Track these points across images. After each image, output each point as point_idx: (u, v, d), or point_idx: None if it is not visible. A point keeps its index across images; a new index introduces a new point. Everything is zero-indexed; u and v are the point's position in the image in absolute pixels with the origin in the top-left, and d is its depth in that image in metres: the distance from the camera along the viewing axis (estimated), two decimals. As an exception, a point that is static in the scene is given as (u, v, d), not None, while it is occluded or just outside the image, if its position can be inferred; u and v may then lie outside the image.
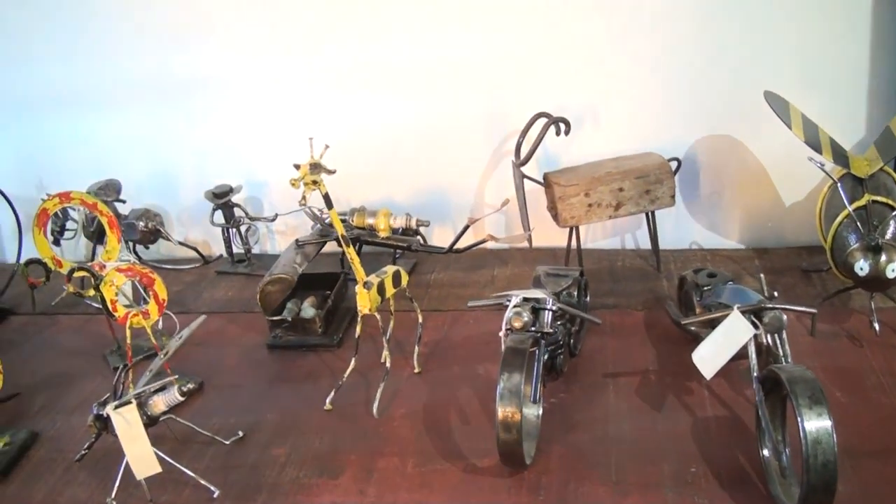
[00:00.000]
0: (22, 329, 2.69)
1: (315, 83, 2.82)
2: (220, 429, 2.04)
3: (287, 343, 2.38)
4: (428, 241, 2.67)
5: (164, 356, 1.88)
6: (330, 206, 1.96)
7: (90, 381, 2.35)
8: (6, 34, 2.96)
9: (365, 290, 2.02)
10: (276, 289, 2.35)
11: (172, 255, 3.06)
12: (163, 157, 3.03)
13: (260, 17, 2.78)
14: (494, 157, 2.81)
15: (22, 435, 2.12)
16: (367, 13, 2.71)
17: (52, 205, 2.28)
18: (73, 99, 3.00)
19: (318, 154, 1.93)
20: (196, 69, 2.88)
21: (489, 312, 2.45)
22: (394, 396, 2.12)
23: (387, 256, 2.78)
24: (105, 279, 2.12)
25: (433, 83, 2.74)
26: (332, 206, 1.96)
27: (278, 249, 3.05)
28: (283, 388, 2.22)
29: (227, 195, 2.77)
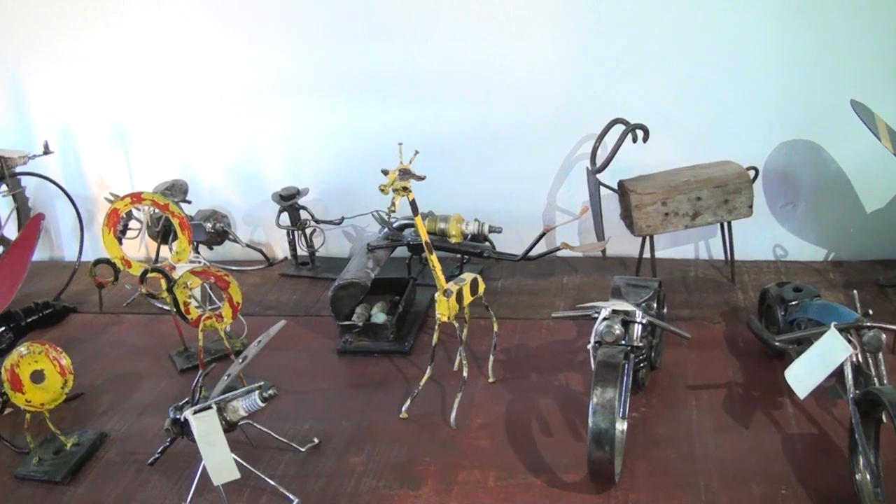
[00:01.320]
0: (85, 328, 2.67)
1: (383, 86, 2.78)
2: (294, 435, 2.00)
3: (358, 348, 2.34)
4: (494, 248, 2.62)
5: (243, 361, 1.85)
6: (416, 213, 1.92)
7: (156, 381, 2.33)
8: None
9: (445, 298, 1.97)
10: (348, 293, 2.32)
11: (231, 256, 3.04)
12: (227, 157, 3.01)
13: (330, 19, 2.75)
14: (566, 163, 2.76)
15: (90, 435, 2.10)
16: (438, 19, 2.67)
17: (123, 205, 2.26)
18: (137, 99, 3.00)
19: (408, 160, 1.89)
20: (261, 71, 2.86)
21: (561, 321, 2.41)
22: (469, 406, 2.07)
23: (450, 262, 2.74)
24: (179, 281, 2.09)
25: (507, 87, 2.69)
26: (417, 212, 1.92)
27: (342, 253, 3.02)
28: (355, 394, 2.19)
29: (294, 197, 2.74)
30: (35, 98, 3.10)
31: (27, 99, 3.11)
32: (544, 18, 2.61)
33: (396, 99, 2.79)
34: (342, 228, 2.94)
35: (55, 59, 3.02)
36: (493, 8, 2.63)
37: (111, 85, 3.00)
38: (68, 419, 2.17)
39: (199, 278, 2.10)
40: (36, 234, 2.21)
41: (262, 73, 2.87)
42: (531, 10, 2.61)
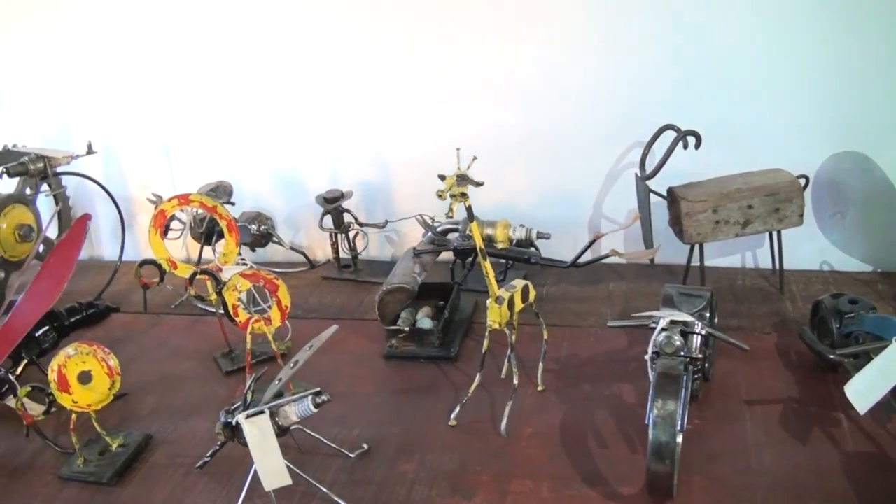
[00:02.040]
0: (127, 328, 2.67)
1: (427, 90, 2.77)
2: (343, 440, 1.98)
3: (404, 353, 2.32)
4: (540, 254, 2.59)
5: (294, 366, 1.83)
6: (472, 219, 1.90)
7: (202, 384, 2.32)
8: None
9: (497, 305, 1.95)
10: (395, 298, 2.30)
11: (273, 258, 3.03)
12: (269, 159, 3.00)
13: (373, 23, 2.74)
14: (614, 169, 2.73)
15: (136, 437, 2.08)
16: (485, 23, 2.65)
17: (171, 206, 2.25)
18: (179, 100, 3.00)
19: (465, 165, 1.86)
20: (304, 74, 2.85)
21: (610, 329, 2.38)
22: (519, 415, 2.03)
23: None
24: (228, 284, 2.08)
25: (555, 91, 2.67)
26: (473, 218, 1.90)
27: (384, 256, 3.00)
28: (403, 400, 2.16)
29: (339, 200, 2.72)
30: (77, 98, 3.11)
31: (68, 98, 3.12)
32: (594, 24, 2.59)
33: (440, 102, 2.77)
34: (384, 232, 2.92)
35: (98, 58, 3.02)
36: (542, 14, 2.60)
37: (154, 86, 3.00)
38: (112, 420, 2.16)
39: (249, 281, 2.08)
40: (82, 234, 2.20)
41: (305, 76, 2.86)
42: (581, 16, 2.58)
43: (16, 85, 3.17)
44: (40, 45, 3.08)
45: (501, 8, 2.63)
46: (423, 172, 2.79)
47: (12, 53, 3.13)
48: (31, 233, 2.73)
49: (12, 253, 2.71)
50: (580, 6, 2.58)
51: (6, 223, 2.67)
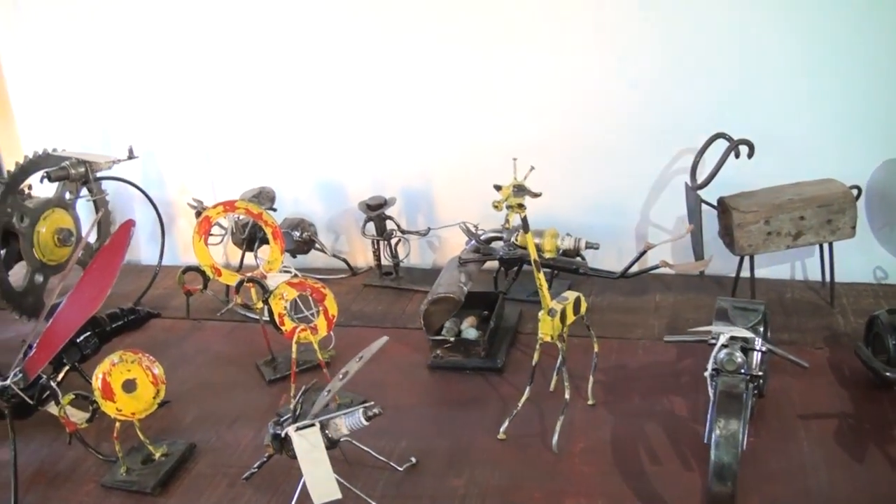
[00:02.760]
0: (168, 333, 2.65)
1: (470, 97, 2.74)
2: (390, 453, 1.95)
3: (449, 364, 2.29)
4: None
5: (344, 378, 1.79)
6: (527, 231, 1.86)
7: (245, 392, 2.29)
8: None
9: (550, 318, 1.91)
10: (440, 308, 2.26)
11: (313, 265, 3.00)
12: (310, 165, 2.98)
13: (416, 32, 2.73)
14: (662, 177, 2.68)
15: (180, 446, 2.06)
16: (532, 31, 2.62)
17: (216, 213, 2.22)
18: (219, 105, 2.99)
19: (523, 176, 1.83)
20: (345, 80, 2.83)
21: (661, 342, 2.34)
22: (569, 429, 1.99)
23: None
24: (275, 292, 2.05)
25: (602, 98, 2.64)
26: (528, 229, 1.86)
27: (425, 264, 2.97)
28: (450, 412, 2.13)
29: (382, 207, 2.69)
30: (115, 102, 3.10)
31: (107, 103, 3.11)
32: (643, 32, 2.55)
33: (484, 109, 2.74)
34: (425, 239, 2.89)
35: (138, 63, 3.02)
36: (590, 21, 2.57)
37: (194, 90, 3.00)
38: (154, 428, 2.13)
39: (296, 290, 2.05)
40: (126, 240, 2.17)
41: (347, 82, 2.83)
42: (630, 24, 2.55)
43: (55, 89, 3.17)
44: (80, 49, 3.08)
45: (547, 15, 2.60)
46: (466, 180, 2.79)
47: (52, 58, 3.13)
48: (71, 237, 2.72)
49: (51, 257, 2.70)
50: (629, 14, 2.54)
51: (45, 227, 2.66)
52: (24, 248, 2.63)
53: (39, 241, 2.66)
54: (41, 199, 2.68)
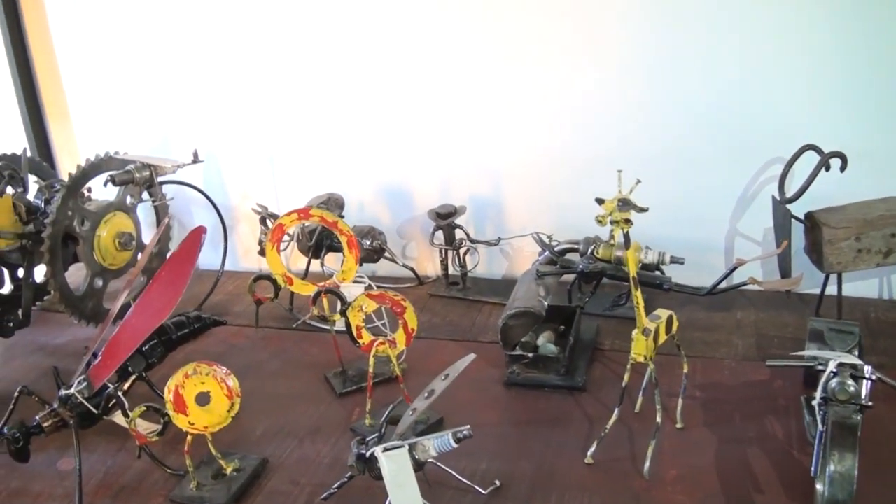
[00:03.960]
0: (231, 341, 2.58)
1: (545, 105, 2.66)
2: (472, 474, 1.86)
3: (526, 381, 2.20)
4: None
5: (429, 396, 1.72)
6: (628, 247, 1.78)
7: (315, 405, 2.22)
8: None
9: (644, 337, 1.82)
10: (520, 322, 2.18)
11: (376, 273, 2.93)
12: (376, 172, 2.92)
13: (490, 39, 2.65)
14: (748, 189, 2.58)
15: (252, 461, 1.99)
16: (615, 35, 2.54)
17: (290, 220, 2.15)
18: (284, 109, 2.93)
19: (628, 189, 1.74)
20: (414, 87, 2.77)
21: (747, 362, 2.25)
22: (658, 454, 1.88)
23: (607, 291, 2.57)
24: (353, 304, 1.98)
25: (684, 106, 2.55)
26: (629, 245, 1.78)
27: (492, 274, 2.89)
28: (530, 432, 2.04)
29: (452, 216, 2.62)
30: (176, 105, 3.06)
31: (168, 106, 3.07)
32: (730, 39, 2.46)
33: (558, 116, 2.65)
34: (494, 249, 2.81)
35: (198, 64, 2.97)
36: (676, 26, 2.49)
37: (257, 92, 2.94)
38: (223, 441, 2.05)
39: (375, 302, 1.98)
40: (197, 247, 2.11)
41: (415, 87, 2.77)
42: (716, 30, 2.46)
43: (113, 90, 3.13)
44: (139, 50, 3.04)
45: (631, 18, 2.51)
46: (538, 188, 2.71)
47: (110, 58, 3.09)
48: (132, 241, 2.67)
49: (112, 261, 2.65)
50: (716, 21, 2.45)
51: (106, 231, 2.61)
52: (85, 251, 2.59)
53: (100, 245, 2.61)
54: (102, 203, 2.63)
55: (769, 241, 2.56)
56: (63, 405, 1.99)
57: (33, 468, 2.03)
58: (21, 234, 2.58)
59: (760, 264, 2.64)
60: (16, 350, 2.70)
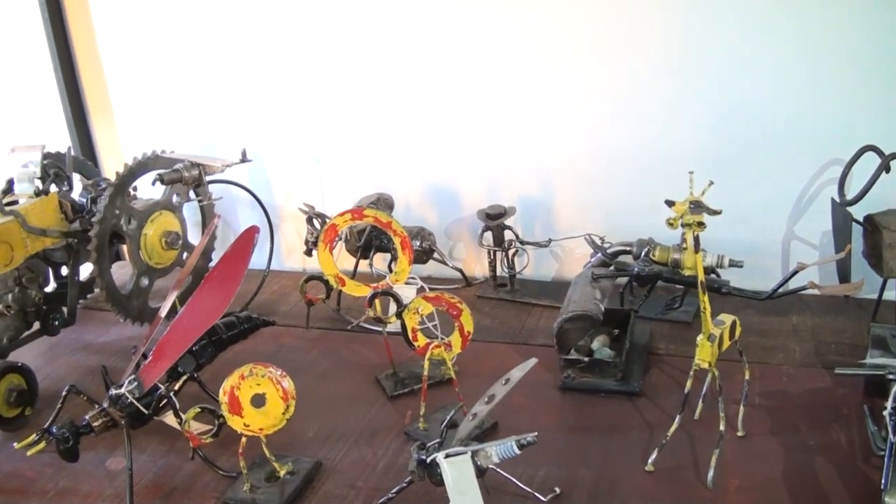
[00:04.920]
0: (278, 342, 2.57)
1: (600, 106, 2.63)
2: (530, 480, 1.83)
3: (582, 385, 2.16)
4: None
5: (489, 402, 1.69)
6: (697, 251, 1.74)
7: (366, 407, 2.20)
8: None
9: (709, 343, 1.78)
10: (577, 326, 2.15)
11: (422, 273, 2.88)
12: (423, 172, 2.90)
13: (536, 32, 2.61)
14: (805, 190, 2.53)
15: (305, 464, 1.97)
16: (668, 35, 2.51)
17: (343, 221, 2.13)
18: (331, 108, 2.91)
19: (700, 191, 1.71)
20: (463, 86, 2.74)
21: (805, 368, 2.20)
22: (720, 463, 1.84)
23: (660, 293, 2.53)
24: (409, 306, 1.95)
25: (742, 106, 2.51)
26: (699, 249, 1.74)
27: (542, 276, 2.85)
28: (588, 438, 2.00)
29: (502, 216, 2.59)
30: (219, 102, 3.05)
31: (210, 102, 3.06)
32: (788, 39, 2.42)
33: (610, 115, 2.62)
34: (543, 251, 2.77)
35: (243, 62, 2.96)
36: (730, 30, 2.45)
37: (303, 90, 2.92)
38: (275, 443, 2.01)
39: (431, 304, 1.95)
40: (250, 247, 2.09)
41: (463, 86, 2.74)
42: (775, 29, 2.42)
43: (157, 89, 3.13)
44: (182, 48, 3.04)
45: (685, 18, 2.48)
46: (588, 189, 2.67)
47: (153, 56, 3.09)
48: (178, 240, 2.66)
49: (158, 260, 2.64)
50: (774, 20, 2.41)
51: (153, 230, 2.60)
52: (131, 250, 2.58)
53: (146, 244, 2.60)
54: (149, 202, 2.62)
55: (826, 245, 2.51)
56: (113, 405, 1.98)
57: (81, 467, 2.02)
58: (67, 232, 2.57)
59: (818, 268, 2.59)
60: (60, 348, 2.70)
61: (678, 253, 2.21)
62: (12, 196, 2.62)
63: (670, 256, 2.21)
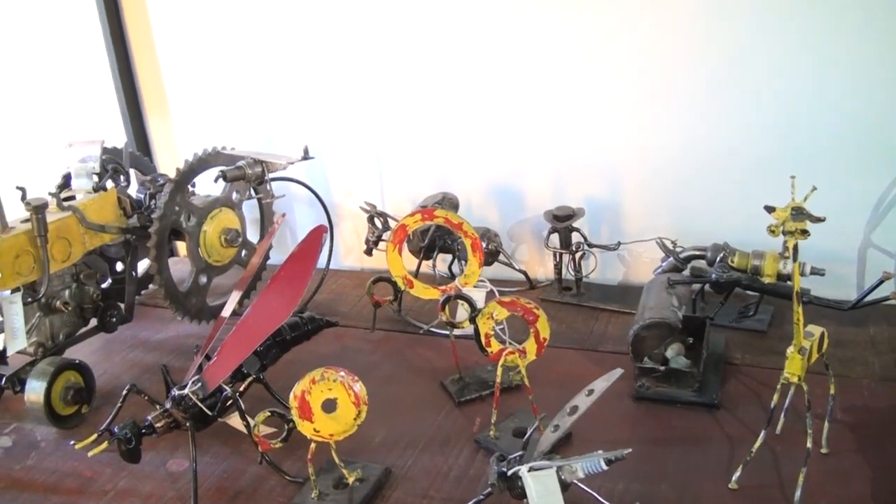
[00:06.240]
0: (340, 342, 2.53)
1: (664, 103, 2.55)
2: (609, 494, 1.76)
3: (657, 395, 2.10)
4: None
5: (573, 413, 1.64)
6: (795, 260, 1.67)
7: (432, 412, 2.14)
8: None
9: (800, 357, 1.71)
10: (654, 334, 2.08)
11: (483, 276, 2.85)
12: (485, 171, 2.84)
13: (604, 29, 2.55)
14: (884, 195, 2.45)
15: (374, 470, 1.92)
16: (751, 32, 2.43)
17: (413, 221, 2.08)
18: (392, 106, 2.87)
19: (802, 196, 1.64)
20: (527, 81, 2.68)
21: (886, 382, 2.12)
22: (806, 481, 1.74)
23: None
24: (484, 311, 1.90)
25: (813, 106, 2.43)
26: (797, 258, 1.67)
27: (608, 280, 2.79)
28: (666, 451, 1.93)
29: (571, 218, 2.52)
30: (280, 102, 3.01)
31: (271, 102, 3.03)
32: (868, 38, 2.34)
33: (682, 115, 2.54)
34: (609, 254, 2.70)
35: (302, 58, 2.93)
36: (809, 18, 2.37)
37: (362, 87, 2.88)
38: (341, 448, 1.97)
39: (507, 309, 1.90)
40: (318, 246, 2.05)
41: (527, 84, 2.68)
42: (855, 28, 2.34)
43: (216, 88, 3.10)
44: (243, 47, 3.01)
45: (758, 15, 2.40)
46: (659, 190, 2.60)
47: (215, 55, 3.06)
48: (238, 238, 2.63)
49: (217, 258, 2.62)
50: (856, 22, 2.33)
51: (212, 227, 2.57)
52: (190, 247, 2.55)
53: (206, 241, 2.57)
54: (208, 199, 2.59)
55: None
56: (176, 406, 1.95)
57: (141, 468, 1.99)
58: (125, 228, 2.55)
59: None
60: (115, 345, 2.68)
61: (758, 259, 2.13)
62: (69, 191, 2.61)
63: (750, 263, 2.13)
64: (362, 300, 2.80)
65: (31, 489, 2.01)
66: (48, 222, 2.26)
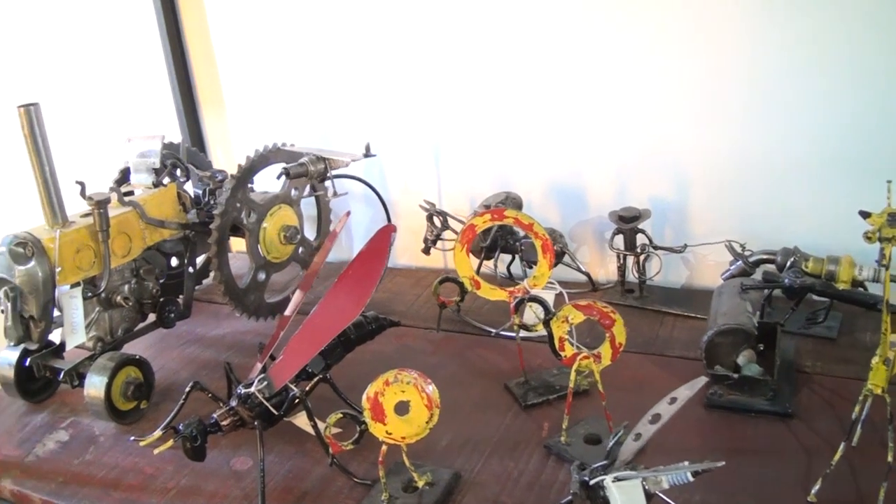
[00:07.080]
0: (400, 342, 2.51)
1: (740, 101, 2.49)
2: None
3: (729, 403, 2.05)
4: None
5: (655, 422, 1.60)
6: (887, 267, 1.63)
7: (498, 415, 2.11)
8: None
9: (885, 367, 1.67)
10: (728, 340, 2.04)
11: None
12: (545, 171, 2.80)
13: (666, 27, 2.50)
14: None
15: (444, 475, 1.89)
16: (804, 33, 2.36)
17: (482, 222, 2.06)
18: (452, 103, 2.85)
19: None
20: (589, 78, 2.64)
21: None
22: (887, 497, 1.70)
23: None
24: (559, 315, 1.87)
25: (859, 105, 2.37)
26: (888, 266, 1.63)
27: (672, 283, 2.75)
28: (741, 461, 1.89)
29: (637, 220, 2.49)
30: (337, 99, 3.00)
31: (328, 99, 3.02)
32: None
33: (750, 114, 2.48)
34: (674, 257, 2.66)
35: (361, 55, 2.92)
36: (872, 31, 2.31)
37: (422, 85, 2.87)
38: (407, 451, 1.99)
39: (583, 313, 1.87)
40: (387, 245, 2.03)
41: (591, 79, 2.64)
42: None
43: (273, 84, 3.10)
44: (300, 43, 3.00)
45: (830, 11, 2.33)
46: (725, 192, 2.56)
47: (271, 51, 3.05)
48: (297, 235, 2.62)
49: (276, 255, 2.61)
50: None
51: (271, 224, 2.57)
52: (250, 244, 2.55)
53: (265, 238, 2.57)
54: (268, 195, 2.59)
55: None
56: (242, 404, 1.94)
57: (204, 466, 1.98)
58: (185, 224, 2.55)
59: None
60: (171, 340, 2.69)
61: (833, 265, 2.08)
62: (128, 186, 2.62)
63: (825, 268, 2.08)
64: (420, 299, 2.78)
65: (92, 484, 2.01)
66: (109, 217, 2.26)
